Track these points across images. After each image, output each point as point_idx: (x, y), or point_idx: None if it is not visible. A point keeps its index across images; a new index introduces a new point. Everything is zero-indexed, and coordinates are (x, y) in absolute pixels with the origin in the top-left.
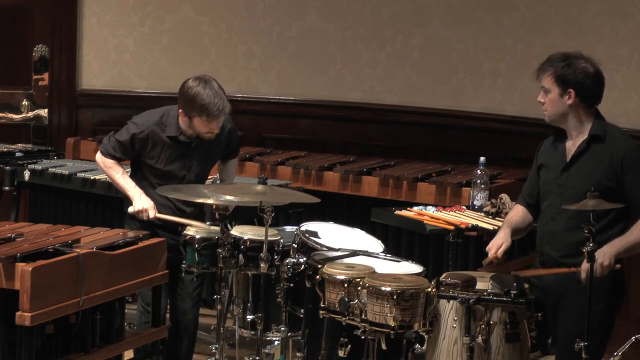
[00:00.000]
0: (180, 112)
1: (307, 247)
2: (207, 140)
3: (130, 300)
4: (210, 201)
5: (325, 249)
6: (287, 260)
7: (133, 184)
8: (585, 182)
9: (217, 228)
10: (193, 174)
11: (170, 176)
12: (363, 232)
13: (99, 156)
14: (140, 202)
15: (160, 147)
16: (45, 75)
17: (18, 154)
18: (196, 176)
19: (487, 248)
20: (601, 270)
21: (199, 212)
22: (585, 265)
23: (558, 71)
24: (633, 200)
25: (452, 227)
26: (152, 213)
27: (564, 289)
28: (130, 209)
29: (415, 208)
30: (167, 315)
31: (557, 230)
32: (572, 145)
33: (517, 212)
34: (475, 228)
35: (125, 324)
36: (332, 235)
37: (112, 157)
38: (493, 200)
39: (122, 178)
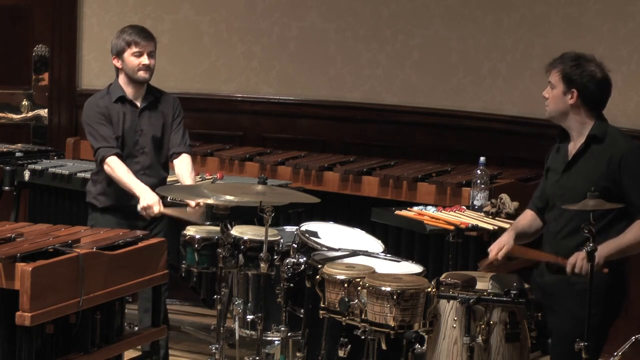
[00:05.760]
0: (114, 60)
1: (307, 247)
2: (145, 80)
3: (130, 300)
4: (210, 201)
5: (325, 249)
6: (287, 260)
7: (138, 181)
8: (584, 183)
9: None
10: (146, 139)
11: (124, 142)
12: (363, 232)
13: (104, 165)
14: (145, 199)
15: (116, 115)
16: (45, 75)
17: (18, 154)
18: (151, 142)
19: (489, 249)
20: (586, 268)
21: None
22: (572, 259)
23: (566, 69)
24: (630, 202)
25: (452, 227)
26: (157, 208)
27: (559, 292)
28: (139, 207)
29: (415, 208)
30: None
31: (557, 231)
32: (573, 147)
33: (526, 217)
34: (475, 228)
35: (125, 324)
36: (332, 235)
37: (110, 150)
38: (493, 200)
39: (128, 178)
